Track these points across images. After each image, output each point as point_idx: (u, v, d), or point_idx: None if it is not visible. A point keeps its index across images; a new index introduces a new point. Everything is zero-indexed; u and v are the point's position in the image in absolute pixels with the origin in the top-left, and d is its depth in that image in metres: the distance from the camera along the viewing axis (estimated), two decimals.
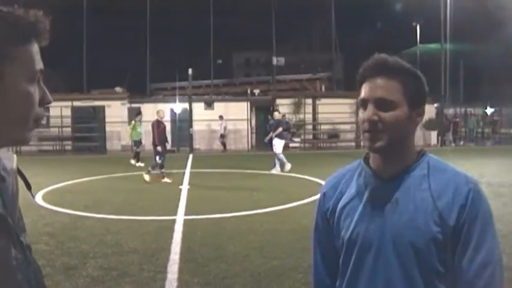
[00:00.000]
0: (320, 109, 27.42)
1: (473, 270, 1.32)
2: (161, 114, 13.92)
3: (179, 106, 26.24)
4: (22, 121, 1.00)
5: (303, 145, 26.82)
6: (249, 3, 43.83)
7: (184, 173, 14.83)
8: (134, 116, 19.35)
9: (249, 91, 34.32)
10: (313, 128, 28.19)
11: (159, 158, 13.33)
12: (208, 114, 26.21)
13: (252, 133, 27.09)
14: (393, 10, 43.36)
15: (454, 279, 1.35)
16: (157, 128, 13.44)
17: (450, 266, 1.36)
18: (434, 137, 27.78)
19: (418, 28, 48.06)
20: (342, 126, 26.87)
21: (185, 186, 12.22)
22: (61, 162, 20.57)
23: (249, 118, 26.71)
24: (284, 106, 26.55)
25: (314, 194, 10.15)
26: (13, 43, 0.97)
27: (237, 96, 32.76)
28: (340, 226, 1.50)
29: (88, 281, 5.15)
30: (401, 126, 1.40)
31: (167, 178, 13.14)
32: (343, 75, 47.54)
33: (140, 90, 33.80)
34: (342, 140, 27.53)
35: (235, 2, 45.53)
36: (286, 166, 15.13)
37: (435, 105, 28.75)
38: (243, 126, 26.51)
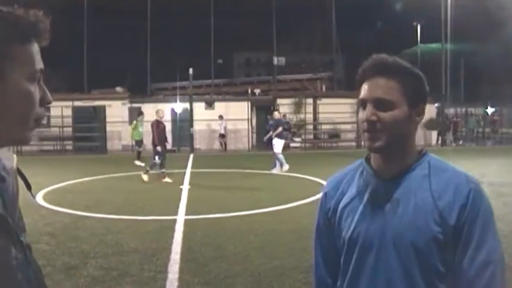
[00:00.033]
0: (321, 109, 27.41)
1: (473, 269, 1.32)
2: (160, 114, 13.81)
3: (180, 106, 26.24)
4: (23, 121, 1.00)
5: (304, 145, 26.81)
6: (250, 3, 43.89)
7: (184, 173, 14.83)
8: (136, 116, 19.41)
9: (250, 91, 34.30)
10: (313, 128, 28.17)
11: (158, 158, 13.31)
12: (208, 114, 26.19)
13: (253, 133, 27.05)
14: (394, 10, 43.41)
15: (455, 279, 1.35)
16: (156, 128, 13.37)
17: (451, 266, 1.35)
18: (434, 137, 27.78)
19: (419, 28, 48.09)
20: (343, 126, 26.85)
21: (186, 186, 12.22)
22: (62, 162, 20.58)
23: (250, 118, 26.69)
24: (285, 106, 26.57)
25: (314, 194, 10.15)
26: (13, 43, 0.97)
27: (238, 96, 32.76)
28: (341, 226, 1.50)
29: (88, 281, 5.15)
30: (400, 126, 1.40)
31: (168, 178, 13.14)
32: (343, 75, 47.55)
33: (141, 90, 33.84)
34: (343, 140, 27.51)
35: (235, 2, 45.57)
36: (284, 166, 15.16)
37: (436, 105, 28.74)
38: (244, 126, 26.49)
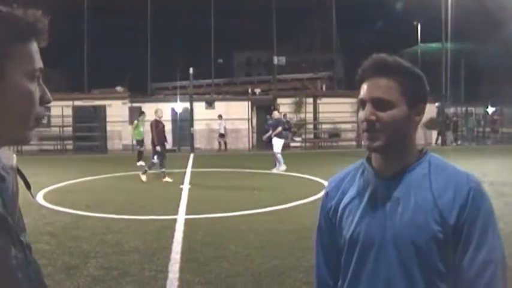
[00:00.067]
0: (321, 108, 27.41)
1: (474, 269, 1.31)
2: (159, 113, 13.73)
3: (180, 105, 26.25)
4: (23, 120, 1.00)
5: (304, 144, 26.81)
6: (250, 2, 43.90)
7: (185, 173, 14.83)
8: (137, 116, 19.42)
9: (250, 90, 34.34)
10: (314, 128, 28.16)
11: (157, 158, 13.27)
12: (209, 113, 26.17)
13: (253, 132, 27.05)
14: (394, 9, 43.37)
15: (456, 278, 1.35)
16: (155, 128, 13.29)
17: (451, 265, 1.35)
18: (434, 137, 27.77)
19: (419, 27, 48.09)
20: (343, 125, 26.84)
21: (186, 185, 12.22)
22: (62, 161, 20.58)
23: (250, 117, 26.68)
24: (285, 105, 26.57)
25: (315, 194, 10.16)
26: (13, 42, 0.97)
27: (238, 95, 32.78)
28: (342, 225, 1.50)
29: (89, 281, 5.15)
30: (399, 125, 1.40)
31: (168, 177, 13.13)
32: (344, 74, 47.59)
33: (141, 89, 33.88)
34: (343, 140, 27.50)
35: (236, 2, 45.58)
36: (281, 166, 15.17)
37: (436, 104, 28.73)
38: (244, 125, 26.48)
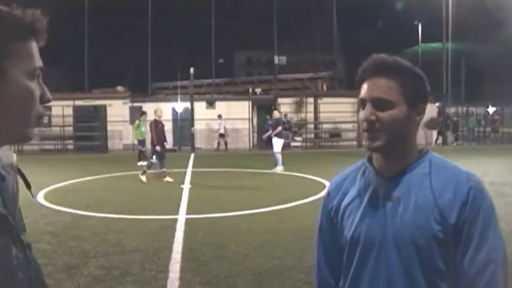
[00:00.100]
0: (322, 108, 27.39)
1: (474, 269, 1.31)
2: (159, 113, 13.66)
3: (181, 105, 26.25)
4: (24, 118, 1.01)
5: (305, 144, 26.80)
6: (251, 2, 43.89)
7: (185, 172, 14.82)
8: (139, 116, 19.41)
9: (251, 90, 34.34)
10: (314, 127, 28.15)
11: (155, 158, 13.25)
12: (209, 113, 26.16)
13: (254, 132, 27.05)
14: (395, 9, 43.40)
15: (456, 278, 1.34)
16: (155, 128, 13.22)
17: (452, 265, 1.35)
18: (435, 136, 27.76)
19: (420, 27, 48.11)
20: (344, 125, 26.83)
21: (187, 185, 12.22)
22: (63, 161, 20.59)
23: (251, 117, 26.68)
24: (286, 105, 26.57)
25: (315, 194, 10.16)
26: (13, 41, 0.98)
27: (239, 95, 32.78)
28: (343, 225, 1.50)
29: (90, 280, 5.15)
30: (399, 125, 1.40)
31: (169, 177, 13.13)
32: (344, 74, 47.58)
33: (142, 89, 33.90)
34: (344, 139, 27.49)
35: (236, 2, 45.58)
36: (279, 167, 15.17)
37: (437, 104, 28.71)
38: (245, 125, 26.48)
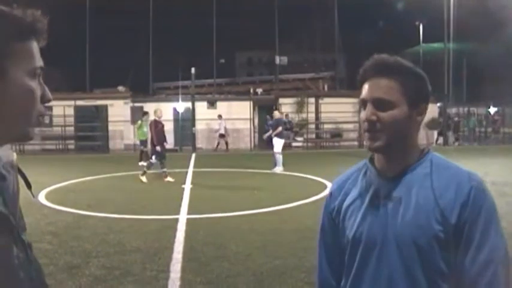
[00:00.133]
0: (323, 108, 27.38)
1: (475, 269, 1.31)
2: (159, 113, 13.61)
3: (182, 105, 26.25)
4: (25, 117, 1.01)
5: (306, 144, 26.80)
6: (252, 2, 43.88)
7: (187, 172, 14.82)
8: (141, 116, 19.43)
9: (252, 90, 34.33)
10: (316, 127, 28.14)
11: (155, 158, 13.23)
12: (211, 113, 26.16)
13: (255, 132, 27.04)
14: (396, 9, 43.35)
15: (457, 278, 1.34)
16: (155, 128, 13.17)
17: (453, 265, 1.34)
18: (435, 137, 27.75)
19: (421, 27, 48.08)
20: (345, 125, 26.81)
21: (188, 185, 12.22)
22: (64, 161, 20.61)
23: (252, 117, 26.69)
24: (287, 105, 26.57)
25: (316, 194, 10.16)
26: (14, 41, 0.99)
27: (240, 95, 32.78)
28: (345, 225, 1.50)
29: (91, 280, 5.15)
30: (400, 125, 1.40)
31: (170, 177, 13.13)
32: (346, 74, 47.57)
33: (143, 89, 33.88)
34: (345, 140, 27.48)
35: (237, 2, 45.57)
36: (279, 167, 15.16)
37: (438, 104, 28.69)
38: (246, 125, 26.48)
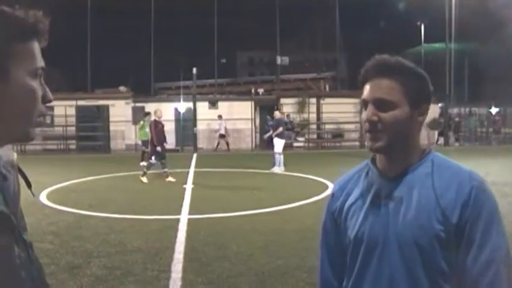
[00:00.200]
0: (324, 108, 27.37)
1: (477, 268, 1.31)
2: (159, 113, 13.58)
3: (183, 105, 26.25)
4: (26, 117, 1.02)
5: (307, 144, 26.78)
6: (253, 2, 43.87)
7: (188, 172, 14.82)
8: (143, 116, 19.43)
9: (253, 90, 34.30)
10: (317, 128, 28.13)
11: (155, 158, 13.22)
12: (212, 113, 26.16)
13: (256, 132, 27.04)
14: (397, 9, 43.33)
15: (459, 278, 1.34)
16: (155, 128, 13.14)
17: (455, 265, 1.34)
18: (436, 137, 27.73)
19: (423, 27, 48.04)
20: (346, 125, 26.80)
21: (189, 185, 12.22)
22: (65, 161, 20.63)
23: (253, 117, 26.69)
24: (288, 105, 26.57)
25: (318, 194, 10.16)
26: (16, 42, 0.99)
27: (241, 95, 32.78)
28: (346, 225, 1.50)
29: (92, 280, 5.15)
30: (401, 125, 1.40)
31: (171, 177, 13.13)
32: (347, 74, 47.56)
33: (144, 89, 33.87)
34: (346, 140, 27.46)
35: (238, 1, 45.56)
36: (279, 167, 15.16)
37: (439, 104, 28.66)
38: (247, 125, 26.48)
